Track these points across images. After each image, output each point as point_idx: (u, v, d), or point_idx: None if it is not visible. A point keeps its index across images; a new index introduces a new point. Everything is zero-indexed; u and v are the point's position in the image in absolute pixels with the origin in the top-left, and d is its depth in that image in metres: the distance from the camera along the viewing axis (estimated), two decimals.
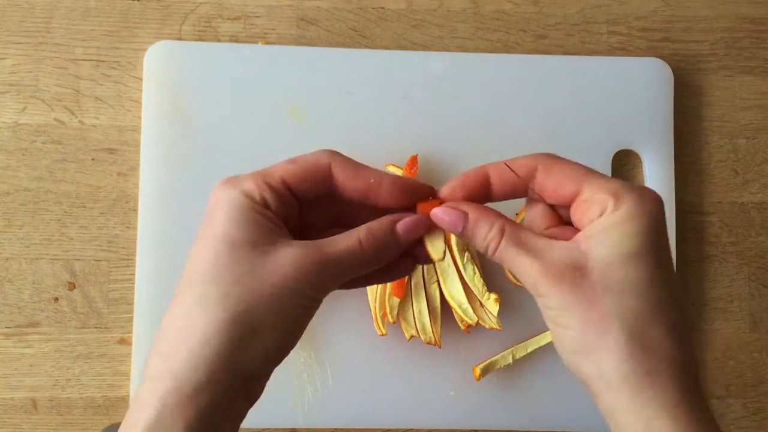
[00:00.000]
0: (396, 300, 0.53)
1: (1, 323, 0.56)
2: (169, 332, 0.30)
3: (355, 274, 0.32)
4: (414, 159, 0.54)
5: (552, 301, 0.30)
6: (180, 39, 0.58)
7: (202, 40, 0.58)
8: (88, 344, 0.56)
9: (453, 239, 0.54)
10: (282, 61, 0.57)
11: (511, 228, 0.32)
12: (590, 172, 0.32)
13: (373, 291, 0.54)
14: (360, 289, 0.55)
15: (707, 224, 0.60)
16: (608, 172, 0.58)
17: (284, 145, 0.56)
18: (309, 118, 0.57)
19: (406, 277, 0.53)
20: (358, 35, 0.59)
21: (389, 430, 0.56)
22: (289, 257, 0.30)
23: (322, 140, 0.56)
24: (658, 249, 0.30)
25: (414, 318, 0.54)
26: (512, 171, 0.33)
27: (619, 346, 0.29)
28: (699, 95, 0.61)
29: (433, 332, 0.54)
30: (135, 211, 0.56)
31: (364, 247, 0.31)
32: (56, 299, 0.56)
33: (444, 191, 0.33)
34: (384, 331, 0.54)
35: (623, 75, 0.58)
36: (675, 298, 0.30)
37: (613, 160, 0.58)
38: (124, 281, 0.56)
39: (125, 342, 0.56)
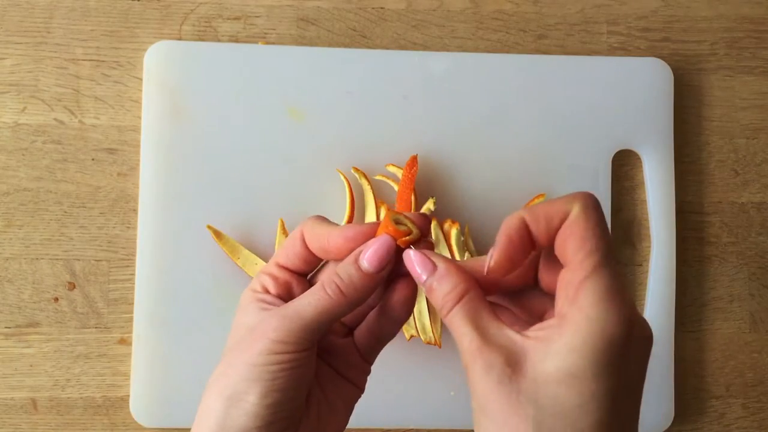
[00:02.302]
0: None
1: (1, 323, 0.56)
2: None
3: (327, 318, 0.32)
4: (414, 159, 0.54)
5: (477, 390, 0.28)
6: (180, 39, 0.58)
7: (202, 40, 0.58)
8: (88, 344, 0.56)
9: (453, 239, 0.54)
10: (282, 61, 0.57)
11: (474, 297, 0.30)
12: (594, 252, 0.28)
13: None
14: None
15: (707, 224, 0.60)
16: (608, 172, 0.58)
17: (284, 145, 0.56)
18: (309, 118, 0.57)
19: None
20: (358, 35, 0.59)
21: (389, 430, 0.56)
22: (259, 322, 0.32)
23: (322, 140, 0.56)
24: (605, 375, 0.27)
25: (414, 318, 0.54)
26: (547, 216, 0.29)
27: None
28: (699, 95, 0.61)
29: (433, 332, 0.54)
30: (135, 211, 0.56)
31: (328, 292, 0.32)
32: (56, 299, 0.56)
33: (497, 264, 0.30)
34: None
35: (623, 75, 0.58)
36: (607, 428, 0.27)
37: (613, 160, 0.58)
38: (124, 281, 0.56)
39: (125, 342, 0.56)
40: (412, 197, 0.54)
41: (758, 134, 0.61)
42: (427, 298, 0.54)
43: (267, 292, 0.34)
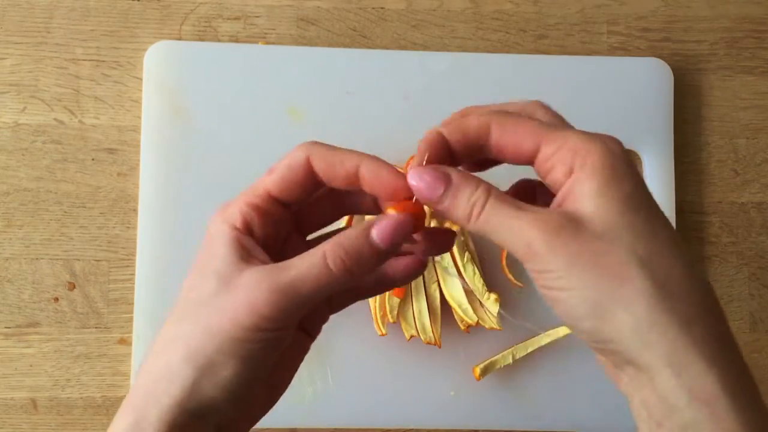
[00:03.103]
0: (396, 300, 0.53)
1: (1, 323, 0.56)
2: (142, 367, 0.30)
3: (325, 295, 0.29)
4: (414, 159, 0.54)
5: (551, 260, 0.26)
6: (180, 39, 0.58)
7: (202, 40, 0.58)
8: (88, 344, 0.56)
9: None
10: (282, 61, 0.57)
11: (498, 191, 0.29)
12: (547, 127, 0.29)
13: None
14: None
15: (707, 224, 0.60)
16: None
17: (284, 145, 0.56)
18: (309, 118, 0.57)
19: None
20: (358, 35, 0.59)
21: (389, 430, 0.56)
22: (244, 288, 0.28)
23: (322, 140, 0.56)
24: (639, 190, 0.28)
25: (414, 318, 0.54)
26: (465, 129, 0.30)
27: (647, 294, 0.25)
28: (699, 95, 0.61)
29: (433, 332, 0.54)
30: (135, 211, 0.56)
31: (331, 266, 0.28)
32: (56, 299, 0.56)
33: (416, 166, 0.30)
34: (384, 331, 0.54)
35: (623, 75, 0.58)
36: (676, 236, 0.28)
37: None
38: (124, 281, 0.56)
39: (125, 342, 0.56)
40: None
41: (758, 134, 0.61)
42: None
43: (250, 232, 0.30)
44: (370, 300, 0.54)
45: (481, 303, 0.54)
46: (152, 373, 0.29)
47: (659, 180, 0.58)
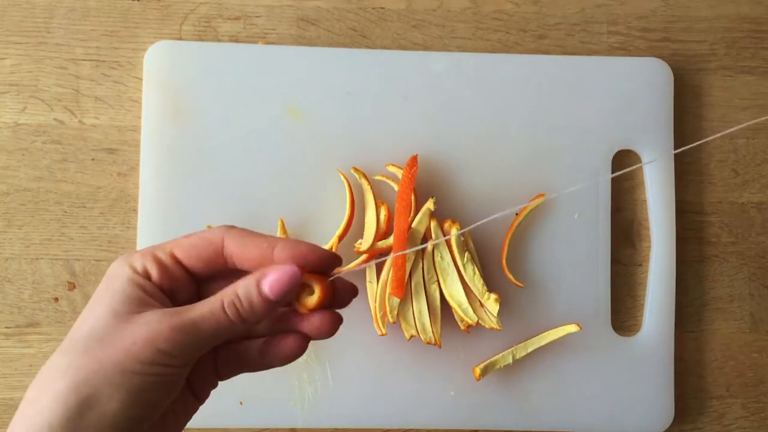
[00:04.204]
0: (396, 300, 0.53)
1: (1, 323, 0.56)
2: (24, 398, 0.29)
3: (221, 338, 0.30)
4: (414, 159, 0.54)
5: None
6: (180, 39, 0.58)
7: (202, 40, 0.58)
8: None
9: (453, 239, 0.54)
10: (282, 61, 0.57)
11: None
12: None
13: (373, 291, 0.54)
14: (360, 289, 0.55)
15: (707, 224, 0.60)
16: (608, 172, 0.58)
17: (284, 145, 0.56)
18: (309, 118, 0.57)
19: (406, 277, 0.53)
20: (358, 35, 0.59)
21: (389, 430, 0.56)
22: (143, 324, 0.29)
23: (322, 140, 0.56)
24: None
25: (414, 318, 0.54)
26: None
27: None
28: (699, 95, 0.61)
29: (433, 332, 0.54)
30: (135, 211, 0.56)
31: (227, 309, 0.30)
32: (56, 299, 0.56)
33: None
34: (384, 331, 0.54)
35: (623, 75, 0.58)
36: None
37: (613, 160, 0.58)
38: None
39: None
40: (412, 197, 0.54)
41: (758, 134, 0.61)
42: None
43: (148, 277, 0.31)
44: (370, 300, 0.54)
45: (481, 303, 0.54)
46: (35, 402, 0.28)
47: (659, 180, 0.58)
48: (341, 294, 0.33)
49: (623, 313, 0.59)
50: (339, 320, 0.33)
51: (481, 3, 0.60)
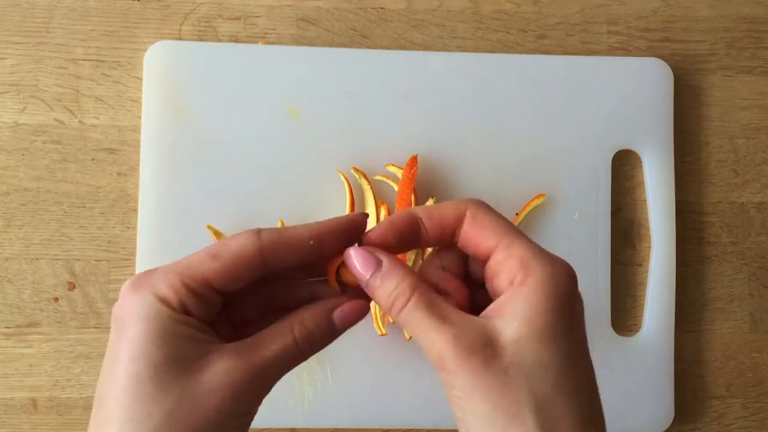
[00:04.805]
0: None
1: (1, 323, 0.56)
2: None
3: (288, 371, 0.29)
4: (414, 159, 0.54)
5: (458, 380, 0.27)
6: (180, 39, 0.58)
7: (202, 40, 0.58)
8: (88, 344, 0.56)
9: None
10: (282, 61, 0.57)
11: (424, 288, 0.28)
12: (511, 230, 0.29)
13: None
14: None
15: (707, 224, 0.60)
16: (608, 172, 0.58)
17: (284, 145, 0.56)
18: (309, 118, 0.57)
19: None
20: (358, 35, 0.59)
21: (389, 430, 0.56)
22: (221, 374, 0.26)
23: (322, 140, 0.56)
24: (569, 327, 0.28)
25: None
26: (440, 214, 0.30)
27: None
28: (699, 95, 0.61)
29: None
30: (135, 211, 0.56)
31: (299, 344, 0.28)
32: (56, 299, 0.56)
33: (373, 235, 0.30)
34: (384, 331, 0.54)
35: (623, 75, 0.58)
36: (588, 383, 0.28)
37: (613, 160, 0.58)
38: (124, 281, 0.56)
39: None
40: (412, 197, 0.54)
41: (758, 134, 0.61)
42: None
43: (187, 312, 0.27)
44: None
45: None
46: None
47: (659, 180, 0.58)
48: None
49: (623, 313, 0.59)
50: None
51: (481, 3, 0.60)
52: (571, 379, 0.27)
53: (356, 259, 0.29)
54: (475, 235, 0.29)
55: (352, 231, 0.30)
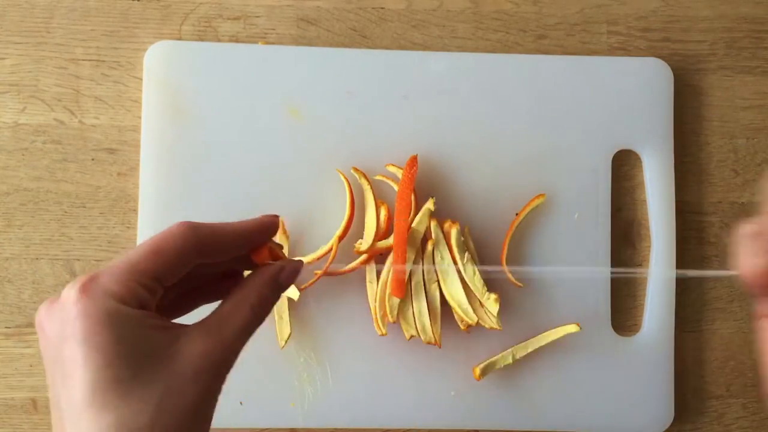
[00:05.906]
0: (396, 300, 0.53)
1: (1, 323, 0.56)
2: None
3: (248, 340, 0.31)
4: (414, 159, 0.54)
5: None
6: (180, 39, 0.58)
7: (202, 40, 0.58)
8: None
9: (453, 239, 0.54)
10: (282, 61, 0.57)
11: None
12: None
13: (373, 291, 0.54)
14: (360, 289, 0.55)
15: (707, 224, 0.60)
16: (608, 172, 0.58)
17: (284, 145, 0.56)
18: (309, 118, 0.57)
19: (406, 277, 0.53)
20: (358, 35, 0.59)
21: (389, 430, 0.56)
22: (200, 357, 0.27)
23: (322, 140, 0.56)
24: None
25: (414, 318, 0.54)
26: None
27: None
28: (699, 95, 0.61)
29: (433, 332, 0.54)
30: (135, 211, 0.56)
31: (256, 312, 0.31)
32: None
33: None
34: (384, 331, 0.54)
35: (623, 75, 0.58)
36: None
37: (613, 160, 0.58)
38: None
39: None
40: (412, 197, 0.54)
41: (758, 134, 0.61)
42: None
43: (143, 306, 0.27)
44: (370, 300, 0.54)
45: (481, 303, 0.54)
46: None
47: (659, 180, 0.58)
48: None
49: (623, 313, 0.59)
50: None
51: (481, 3, 0.60)
52: None
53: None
54: None
55: (272, 228, 0.33)
